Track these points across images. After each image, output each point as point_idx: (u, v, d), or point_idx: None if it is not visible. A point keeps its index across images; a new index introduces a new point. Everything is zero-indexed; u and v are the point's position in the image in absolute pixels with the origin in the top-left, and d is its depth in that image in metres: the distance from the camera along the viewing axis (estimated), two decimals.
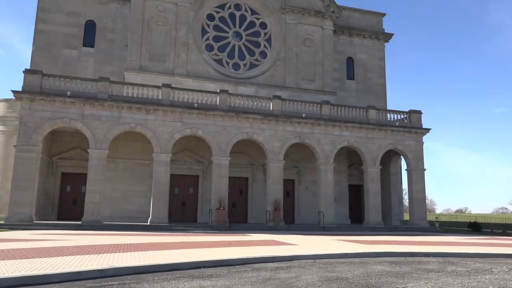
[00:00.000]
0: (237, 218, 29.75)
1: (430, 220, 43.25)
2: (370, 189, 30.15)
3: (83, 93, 24.87)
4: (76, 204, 27.72)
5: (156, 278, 8.86)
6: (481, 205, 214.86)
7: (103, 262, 10.02)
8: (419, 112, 32.30)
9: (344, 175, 33.45)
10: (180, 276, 9.17)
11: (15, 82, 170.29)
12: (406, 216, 43.80)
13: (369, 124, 30.44)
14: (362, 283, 8.72)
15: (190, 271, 9.89)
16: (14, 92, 23.42)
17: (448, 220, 49.19)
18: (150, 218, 25.10)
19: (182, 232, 22.21)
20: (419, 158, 31.57)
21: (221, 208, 25.96)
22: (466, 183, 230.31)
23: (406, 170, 32.11)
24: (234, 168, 28.61)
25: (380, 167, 30.71)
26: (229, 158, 27.06)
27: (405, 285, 8.58)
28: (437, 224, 34.96)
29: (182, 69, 31.10)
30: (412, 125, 31.89)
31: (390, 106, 39.95)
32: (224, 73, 32.33)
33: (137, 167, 28.34)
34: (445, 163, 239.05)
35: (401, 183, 38.16)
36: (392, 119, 31.99)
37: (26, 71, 24.22)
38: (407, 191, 32.57)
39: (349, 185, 33.74)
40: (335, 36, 36.93)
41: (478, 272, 10.67)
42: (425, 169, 31.54)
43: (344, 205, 32.87)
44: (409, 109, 32.39)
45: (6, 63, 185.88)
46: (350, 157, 33.58)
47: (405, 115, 32.37)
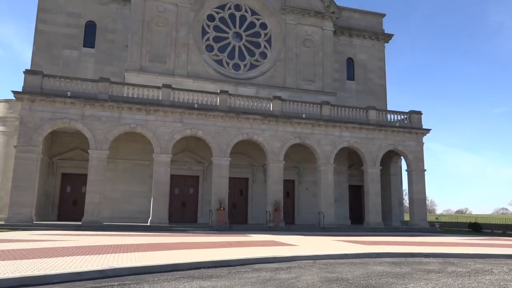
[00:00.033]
0: (237, 218, 29.75)
1: (431, 220, 43.24)
2: (370, 189, 30.14)
3: (84, 93, 24.89)
4: (76, 204, 27.73)
5: (156, 279, 8.87)
6: (482, 205, 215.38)
7: (103, 263, 10.03)
8: (419, 113, 32.31)
9: (344, 176, 33.45)
10: (180, 277, 9.18)
11: (15, 82, 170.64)
12: (406, 217, 43.85)
13: (369, 124, 30.44)
14: (363, 284, 8.72)
15: (190, 272, 9.91)
16: (15, 92, 23.44)
17: (448, 221, 49.10)
18: (150, 218, 25.11)
19: (182, 233, 22.23)
20: (419, 158, 31.58)
21: (221, 209, 25.97)
22: (466, 184, 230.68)
23: (406, 170, 32.13)
24: (234, 168, 28.61)
25: (380, 167, 30.71)
26: (229, 159, 27.08)
27: (406, 286, 8.59)
28: (437, 225, 34.92)
29: (182, 69, 31.12)
30: (412, 125, 31.89)
31: (390, 107, 40.01)
32: (224, 73, 32.35)
33: (137, 167, 28.36)
34: (445, 163, 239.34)
35: (401, 184, 38.15)
36: (392, 120, 32.00)
37: (26, 72, 24.24)
38: (407, 192, 32.53)
39: (349, 185, 33.75)
40: (335, 36, 36.96)
41: (478, 273, 10.67)
42: (426, 169, 31.56)
43: (344, 206, 32.87)
44: (409, 110, 32.40)
45: (6, 63, 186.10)
46: (350, 158, 33.59)
47: (405, 116, 32.38)
